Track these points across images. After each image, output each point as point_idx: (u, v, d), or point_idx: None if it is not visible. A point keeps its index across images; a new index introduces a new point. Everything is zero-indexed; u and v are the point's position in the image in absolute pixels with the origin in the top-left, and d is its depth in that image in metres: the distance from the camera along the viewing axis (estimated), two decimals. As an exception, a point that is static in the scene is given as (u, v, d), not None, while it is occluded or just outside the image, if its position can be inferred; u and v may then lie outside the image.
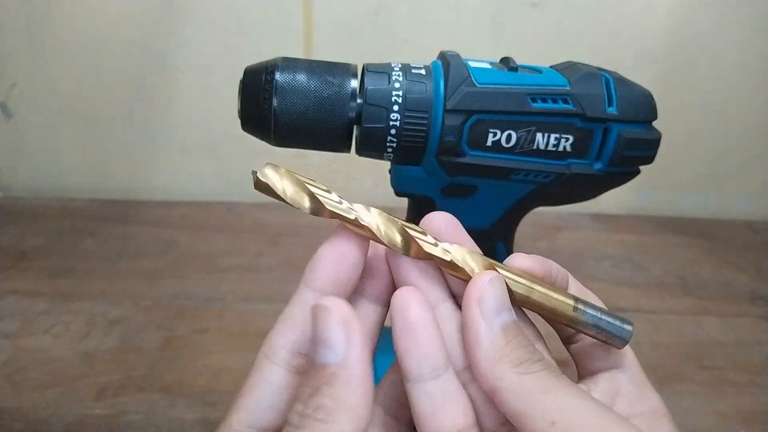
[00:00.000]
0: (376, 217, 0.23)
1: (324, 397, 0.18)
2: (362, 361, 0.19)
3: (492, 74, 0.29)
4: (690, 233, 0.73)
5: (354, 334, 0.19)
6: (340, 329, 0.19)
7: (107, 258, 0.61)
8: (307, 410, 0.18)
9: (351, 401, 0.18)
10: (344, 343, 0.19)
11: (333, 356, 0.19)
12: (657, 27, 0.69)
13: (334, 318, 0.19)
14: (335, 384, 0.18)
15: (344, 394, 0.18)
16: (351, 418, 0.18)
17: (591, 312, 0.24)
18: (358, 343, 0.19)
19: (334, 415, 0.18)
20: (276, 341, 0.22)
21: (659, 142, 0.31)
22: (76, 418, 0.41)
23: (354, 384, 0.18)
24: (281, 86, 0.28)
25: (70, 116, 0.72)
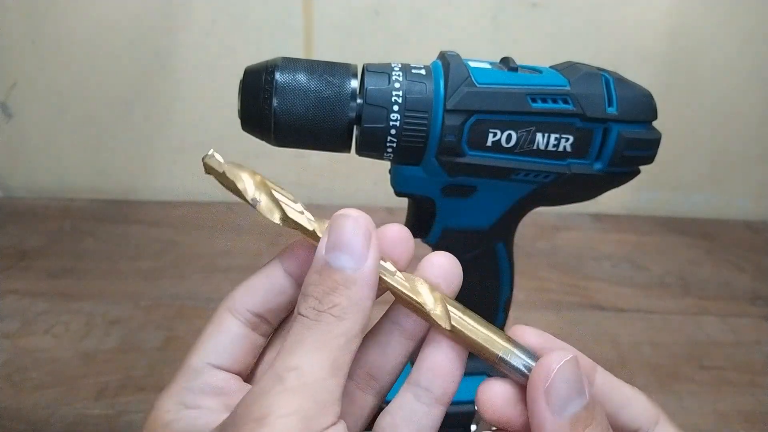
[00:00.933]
0: None
1: (340, 296, 0.20)
2: (376, 272, 0.21)
3: (492, 74, 0.29)
4: (690, 233, 0.73)
5: (374, 245, 0.21)
6: (363, 238, 0.21)
7: (107, 258, 0.61)
8: (323, 306, 0.20)
9: (363, 303, 0.20)
10: (366, 252, 0.21)
11: (352, 262, 0.20)
12: (657, 27, 0.69)
13: (359, 227, 0.21)
14: (351, 287, 0.20)
15: (359, 296, 0.20)
16: (362, 318, 0.20)
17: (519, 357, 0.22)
18: (376, 254, 0.21)
19: (347, 313, 0.20)
20: (239, 300, 0.24)
21: (659, 142, 0.31)
22: (76, 417, 0.41)
23: (367, 289, 0.21)
24: (281, 86, 0.28)
25: (70, 116, 0.72)
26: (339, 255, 0.21)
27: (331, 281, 0.20)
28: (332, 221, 0.21)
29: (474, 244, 0.34)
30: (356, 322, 0.20)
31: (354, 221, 0.21)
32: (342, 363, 0.20)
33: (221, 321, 0.24)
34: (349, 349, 0.20)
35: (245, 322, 0.24)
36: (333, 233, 0.21)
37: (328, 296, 0.20)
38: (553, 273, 0.63)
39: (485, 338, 0.22)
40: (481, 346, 0.22)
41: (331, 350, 0.19)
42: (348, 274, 0.20)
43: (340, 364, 0.20)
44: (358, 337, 0.20)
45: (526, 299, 0.57)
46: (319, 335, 0.20)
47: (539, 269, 0.63)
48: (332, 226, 0.21)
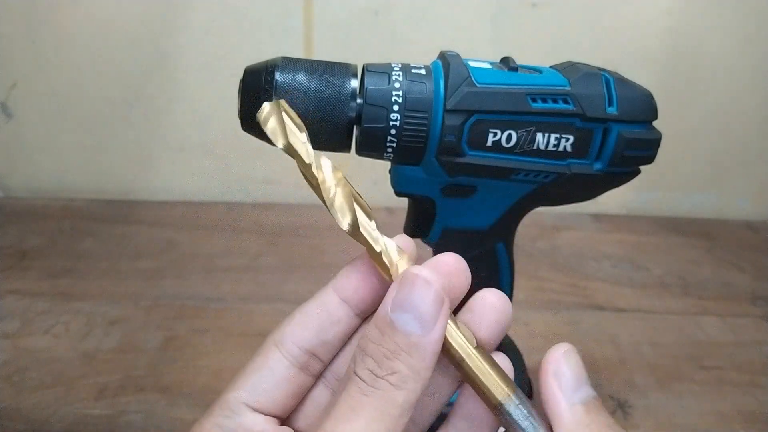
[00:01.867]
0: None
1: (401, 363, 0.19)
2: (442, 338, 0.20)
3: (492, 74, 0.29)
4: (690, 233, 0.73)
5: (444, 313, 0.19)
6: (436, 305, 0.19)
7: (107, 258, 0.61)
8: (381, 371, 0.19)
9: (424, 373, 0.19)
10: (435, 319, 0.19)
11: (419, 328, 0.19)
12: (657, 27, 0.69)
13: (433, 292, 0.19)
14: (414, 354, 0.19)
15: (420, 366, 0.19)
16: (420, 388, 0.19)
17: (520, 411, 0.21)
18: (445, 322, 0.20)
19: (407, 382, 0.19)
20: (289, 334, 0.22)
21: (659, 142, 0.31)
22: (76, 418, 0.41)
23: (430, 358, 0.19)
24: (281, 86, 0.28)
25: (70, 116, 0.72)
26: (406, 316, 0.19)
27: (393, 344, 0.19)
28: (403, 277, 0.20)
29: (474, 244, 0.34)
30: (414, 392, 0.19)
31: (426, 283, 0.19)
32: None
33: (267, 357, 0.22)
34: (403, 420, 0.19)
35: (293, 360, 0.22)
36: (402, 290, 0.20)
37: (388, 361, 0.19)
38: (553, 273, 0.63)
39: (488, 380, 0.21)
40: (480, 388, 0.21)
41: (385, 422, 0.18)
42: (413, 340, 0.19)
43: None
44: (412, 408, 0.19)
45: (526, 299, 0.57)
46: (375, 405, 0.19)
47: (539, 269, 0.63)
48: (402, 282, 0.20)
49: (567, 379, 0.20)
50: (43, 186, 0.75)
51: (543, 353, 0.22)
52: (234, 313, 0.53)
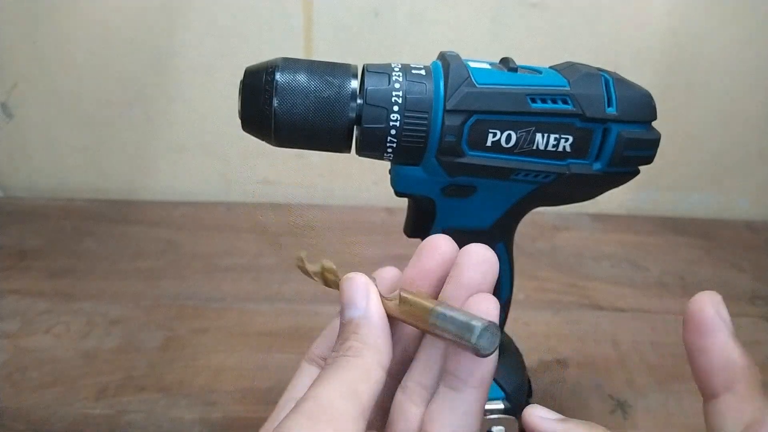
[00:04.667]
0: None
1: (352, 341, 0.23)
2: (380, 313, 0.24)
3: (492, 74, 0.29)
4: (690, 233, 0.73)
5: (372, 294, 0.24)
6: (361, 291, 0.24)
7: (107, 258, 0.61)
8: (339, 352, 0.23)
9: (374, 341, 0.23)
10: (365, 301, 0.24)
11: (356, 311, 0.24)
12: (657, 27, 0.69)
13: (356, 284, 0.24)
14: (359, 330, 0.23)
15: (367, 335, 0.23)
16: (375, 353, 0.23)
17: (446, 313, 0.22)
18: (375, 300, 0.24)
19: (360, 351, 0.23)
20: (314, 350, 0.28)
21: (659, 142, 0.31)
22: (77, 417, 0.41)
23: (375, 328, 0.23)
24: (282, 87, 0.28)
25: (71, 116, 0.72)
26: (346, 311, 0.24)
27: (345, 333, 0.24)
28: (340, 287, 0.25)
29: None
30: (370, 357, 0.22)
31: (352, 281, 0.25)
32: (360, 392, 0.21)
33: (301, 368, 0.28)
34: (368, 380, 0.22)
35: (318, 366, 0.27)
36: (341, 298, 0.25)
37: (342, 344, 0.23)
38: (552, 273, 0.63)
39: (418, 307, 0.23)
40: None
41: (347, 381, 0.22)
42: (355, 322, 0.24)
43: (357, 393, 0.21)
44: (376, 369, 0.22)
45: (526, 299, 0.57)
46: (335, 372, 0.22)
47: (539, 269, 0.63)
48: (340, 291, 0.25)
49: None
50: (43, 186, 0.75)
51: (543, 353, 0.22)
52: (234, 313, 0.53)
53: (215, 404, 0.43)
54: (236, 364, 0.47)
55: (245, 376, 0.46)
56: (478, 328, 0.21)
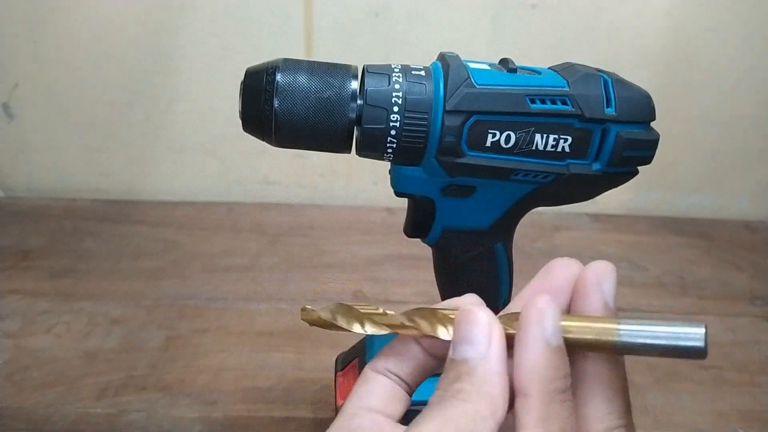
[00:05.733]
0: None
1: (463, 383, 0.21)
2: (501, 359, 0.21)
3: (491, 75, 0.29)
4: (689, 233, 0.73)
5: (495, 336, 0.22)
6: (484, 330, 0.22)
7: (108, 258, 0.61)
8: (447, 393, 0.21)
9: (490, 390, 0.21)
10: (486, 342, 0.21)
11: (474, 353, 0.21)
12: (656, 27, 0.69)
13: (479, 320, 0.22)
14: (474, 374, 0.21)
15: (483, 383, 0.21)
16: (489, 404, 0.21)
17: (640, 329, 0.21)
18: (498, 343, 0.22)
19: (472, 397, 0.21)
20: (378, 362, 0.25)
21: (658, 142, 0.31)
22: (78, 417, 0.41)
23: (493, 376, 0.21)
24: (282, 87, 0.28)
25: (72, 117, 0.72)
26: (462, 347, 0.22)
27: (456, 372, 0.21)
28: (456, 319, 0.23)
29: (473, 244, 0.34)
30: (482, 405, 0.20)
31: (473, 315, 0.22)
32: None
33: (367, 376, 0.25)
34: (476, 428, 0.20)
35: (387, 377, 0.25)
36: (457, 331, 0.22)
37: (452, 385, 0.21)
38: (552, 273, 0.63)
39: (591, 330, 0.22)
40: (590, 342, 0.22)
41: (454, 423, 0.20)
42: (472, 364, 0.21)
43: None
44: (488, 421, 0.20)
45: (526, 299, 0.57)
46: (442, 411, 0.20)
47: (539, 269, 0.63)
48: (456, 324, 0.23)
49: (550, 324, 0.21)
50: (44, 186, 0.75)
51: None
52: (234, 313, 0.53)
53: (215, 404, 0.43)
54: (236, 364, 0.47)
55: (245, 375, 0.46)
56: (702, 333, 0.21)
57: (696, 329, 0.21)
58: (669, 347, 0.21)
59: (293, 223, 0.69)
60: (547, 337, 0.21)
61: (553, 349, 0.21)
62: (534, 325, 0.21)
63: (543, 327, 0.21)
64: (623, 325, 0.21)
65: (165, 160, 0.75)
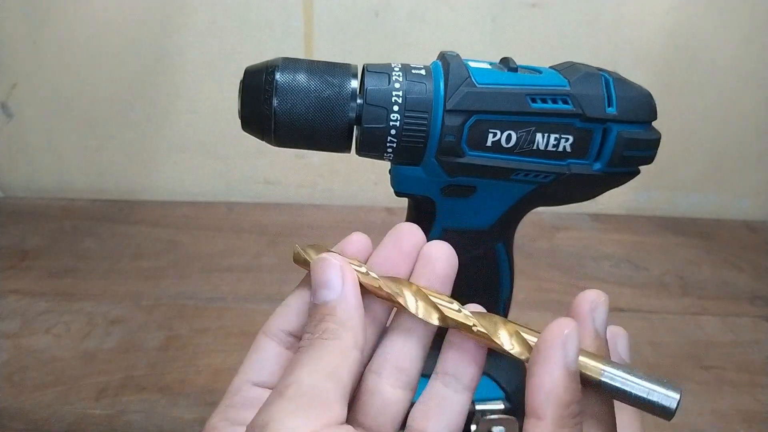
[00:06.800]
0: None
1: (327, 323, 0.23)
2: (356, 296, 0.24)
3: (492, 74, 0.29)
4: (689, 233, 0.73)
5: (347, 276, 0.24)
6: (337, 272, 0.24)
7: (108, 258, 0.61)
8: (315, 334, 0.23)
9: (349, 322, 0.23)
10: (340, 282, 0.23)
11: (332, 294, 0.23)
12: (657, 27, 0.69)
13: (331, 265, 0.24)
14: (336, 313, 0.23)
15: (344, 318, 0.23)
16: (352, 335, 0.22)
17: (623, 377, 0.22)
18: (351, 282, 0.24)
19: (336, 332, 0.22)
20: (273, 323, 0.27)
21: (659, 142, 0.31)
22: (77, 417, 0.41)
23: (351, 310, 0.23)
24: (281, 86, 0.28)
25: (71, 116, 0.72)
26: (321, 292, 0.24)
27: (319, 314, 0.23)
28: (311, 268, 0.24)
29: (474, 244, 0.34)
30: (347, 338, 0.22)
31: (326, 261, 0.24)
32: (342, 374, 0.21)
33: (258, 344, 0.26)
34: (346, 360, 0.22)
35: (279, 342, 0.26)
36: (313, 278, 0.24)
37: (317, 326, 0.23)
38: (553, 273, 0.63)
39: None
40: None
41: (327, 363, 0.21)
42: (331, 305, 0.23)
43: (337, 374, 0.21)
44: (353, 350, 0.22)
45: (526, 299, 0.57)
46: (312, 353, 0.22)
47: (539, 269, 0.63)
48: (312, 272, 0.24)
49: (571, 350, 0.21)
50: (44, 186, 0.75)
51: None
52: (234, 313, 0.53)
53: (215, 404, 0.43)
54: (236, 364, 0.47)
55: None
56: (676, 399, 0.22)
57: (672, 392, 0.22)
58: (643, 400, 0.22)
59: (293, 223, 0.69)
60: (568, 363, 0.21)
61: (571, 374, 0.21)
62: (557, 349, 0.21)
63: (566, 352, 0.21)
64: (608, 367, 0.22)
65: (165, 160, 0.75)
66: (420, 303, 0.24)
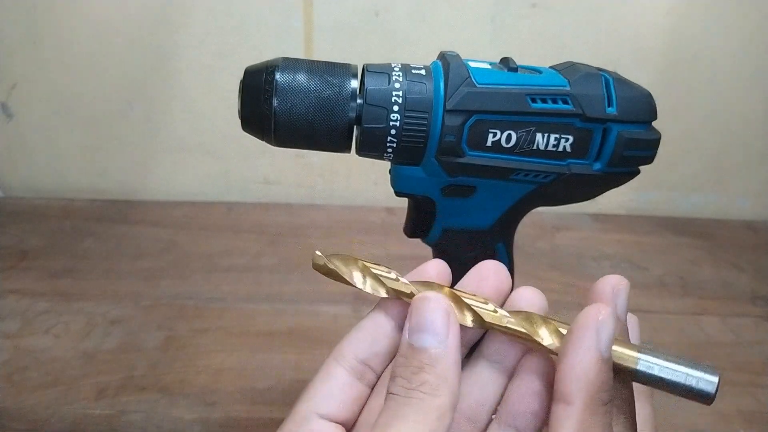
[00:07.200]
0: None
1: (427, 374, 0.21)
2: (458, 346, 0.22)
3: (492, 74, 0.29)
4: (690, 233, 0.73)
5: (453, 323, 0.22)
6: (444, 318, 0.22)
7: (108, 258, 0.61)
8: (412, 385, 0.21)
9: (451, 379, 0.21)
10: (446, 330, 0.22)
11: (434, 341, 0.21)
12: (656, 27, 0.69)
13: (438, 307, 0.22)
14: (437, 365, 0.21)
15: (445, 373, 0.21)
16: (451, 392, 0.21)
17: (660, 364, 0.21)
18: (455, 331, 0.22)
19: (437, 389, 0.21)
20: (347, 348, 0.25)
21: (659, 142, 0.31)
22: (77, 417, 0.41)
23: (452, 365, 0.21)
24: (281, 86, 0.28)
25: (71, 116, 0.72)
26: (422, 336, 0.22)
27: (418, 361, 0.21)
28: (412, 304, 0.23)
29: (474, 244, 0.34)
30: (446, 397, 0.21)
31: (433, 302, 0.22)
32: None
33: (328, 370, 0.25)
34: (443, 423, 0.20)
35: (351, 370, 0.25)
36: (414, 316, 0.22)
37: (416, 375, 0.21)
38: (553, 273, 0.63)
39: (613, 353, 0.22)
40: None
41: (425, 425, 0.20)
42: (433, 353, 0.21)
43: None
44: (450, 411, 0.21)
45: (526, 299, 0.57)
46: (412, 411, 0.20)
47: (539, 269, 0.63)
48: (413, 309, 0.22)
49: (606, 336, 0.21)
50: (43, 186, 0.75)
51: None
52: (234, 313, 0.53)
53: (215, 404, 0.43)
54: (236, 364, 0.47)
55: (245, 376, 0.46)
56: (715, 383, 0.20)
57: (710, 376, 0.21)
58: (681, 386, 0.21)
59: (293, 223, 0.69)
60: (601, 348, 0.20)
61: (604, 360, 0.20)
62: (591, 333, 0.20)
63: (600, 337, 0.20)
64: (643, 354, 0.21)
65: (164, 160, 0.75)
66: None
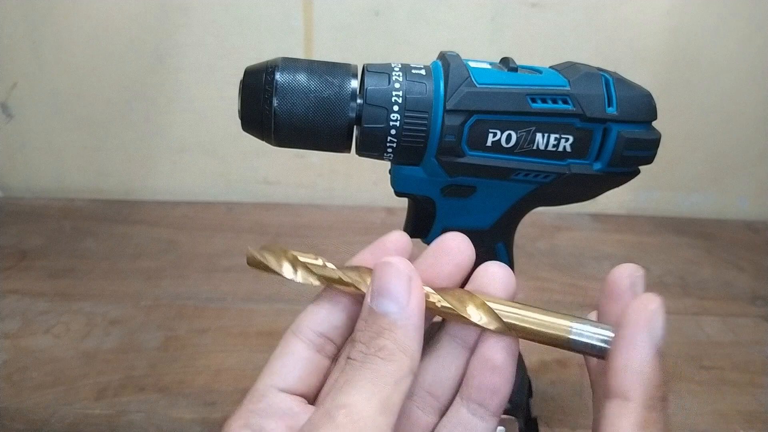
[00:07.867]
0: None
1: (386, 340, 0.21)
2: (420, 313, 0.22)
3: (492, 74, 0.29)
4: (690, 233, 0.73)
5: (416, 289, 0.22)
6: (405, 283, 0.21)
7: (107, 258, 0.61)
8: (370, 350, 0.21)
9: (410, 345, 0.21)
10: (407, 296, 0.21)
11: (394, 306, 0.21)
12: (657, 27, 0.69)
13: (399, 272, 0.22)
14: (396, 330, 0.21)
15: (404, 338, 0.21)
16: (409, 359, 0.21)
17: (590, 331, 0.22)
18: (418, 297, 0.22)
19: (394, 354, 0.21)
20: (304, 322, 0.25)
21: (659, 142, 0.31)
22: (77, 417, 0.41)
23: (412, 331, 0.21)
24: (281, 86, 0.28)
25: (71, 116, 0.72)
26: (383, 301, 0.21)
27: (377, 326, 0.21)
28: (375, 269, 0.22)
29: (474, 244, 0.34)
30: (404, 363, 0.21)
31: (395, 267, 0.22)
32: (392, 402, 0.20)
33: (287, 344, 0.25)
34: (399, 389, 0.20)
35: (310, 343, 0.24)
36: (376, 281, 0.22)
37: (374, 340, 0.21)
38: (553, 273, 0.63)
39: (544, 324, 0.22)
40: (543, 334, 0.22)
41: (380, 390, 0.20)
42: (392, 319, 0.21)
43: (389, 404, 0.20)
44: (408, 377, 0.21)
45: (526, 299, 0.57)
46: (368, 376, 0.20)
47: (539, 269, 0.63)
48: (375, 273, 0.22)
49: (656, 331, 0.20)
50: (43, 186, 0.75)
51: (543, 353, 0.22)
52: (234, 313, 0.53)
53: (215, 404, 0.43)
54: (236, 364, 0.47)
55: (245, 376, 0.46)
56: None
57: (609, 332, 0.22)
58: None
59: (293, 223, 0.69)
60: (655, 341, 0.20)
61: (659, 353, 0.20)
62: (646, 326, 0.20)
63: (654, 330, 0.20)
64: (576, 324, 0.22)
65: (164, 160, 0.75)
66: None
